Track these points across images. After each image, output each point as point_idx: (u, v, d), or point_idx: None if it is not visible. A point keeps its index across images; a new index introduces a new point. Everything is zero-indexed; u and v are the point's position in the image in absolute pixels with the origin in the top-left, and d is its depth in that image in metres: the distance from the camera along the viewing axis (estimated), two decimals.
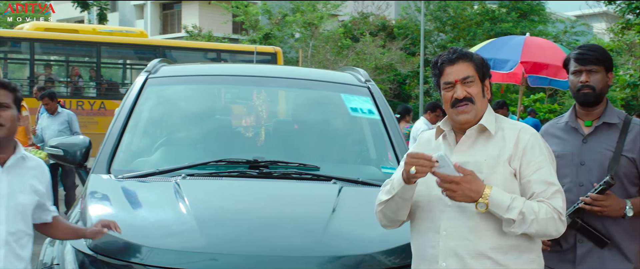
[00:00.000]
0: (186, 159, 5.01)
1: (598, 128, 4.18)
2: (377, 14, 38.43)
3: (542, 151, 3.44)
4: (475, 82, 3.44)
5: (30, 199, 3.73)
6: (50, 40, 22.64)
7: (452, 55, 3.46)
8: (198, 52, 25.39)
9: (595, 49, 4.22)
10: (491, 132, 3.43)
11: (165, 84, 5.80)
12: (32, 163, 3.82)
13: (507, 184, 3.34)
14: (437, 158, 3.20)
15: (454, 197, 3.24)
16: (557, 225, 3.34)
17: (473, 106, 3.42)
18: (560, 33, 36.10)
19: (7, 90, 3.66)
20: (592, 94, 4.14)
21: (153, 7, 52.03)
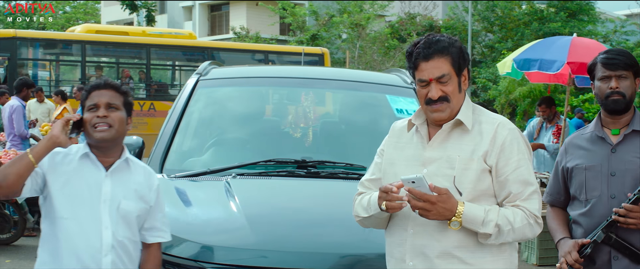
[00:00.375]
0: (236, 159, 5.14)
1: (627, 136, 3.94)
2: (424, 14, 38.33)
3: (520, 147, 3.30)
4: (451, 80, 3.27)
5: (134, 206, 3.58)
6: (101, 43, 22.99)
7: (427, 51, 3.27)
8: (246, 53, 25.59)
9: (623, 54, 3.99)
10: (468, 127, 3.29)
11: (216, 85, 5.92)
12: (139, 168, 3.69)
13: (480, 182, 3.24)
14: (414, 180, 3.07)
15: (427, 216, 3.12)
16: (533, 230, 3.27)
17: (448, 104, 3.27)
18: (610, 33, 35.65)
19: (117, 92, 3.58)
20: (622, 101, 3.91)
21: (201, 9, 52.45)
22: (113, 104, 3.53)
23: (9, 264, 9.26)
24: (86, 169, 3.54)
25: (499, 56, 30.18)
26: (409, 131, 3.42)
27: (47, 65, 22.91)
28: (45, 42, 22.94)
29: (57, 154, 3.54)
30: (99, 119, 3.48)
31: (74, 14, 51.55)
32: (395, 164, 3.39)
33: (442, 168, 3.25)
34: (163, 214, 3.73)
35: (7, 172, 3.38)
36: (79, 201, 3.50)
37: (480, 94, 32.67)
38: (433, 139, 3.32)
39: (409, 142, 3.39)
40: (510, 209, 3.24)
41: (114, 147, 3.58)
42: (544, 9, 35.74)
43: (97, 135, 3.47)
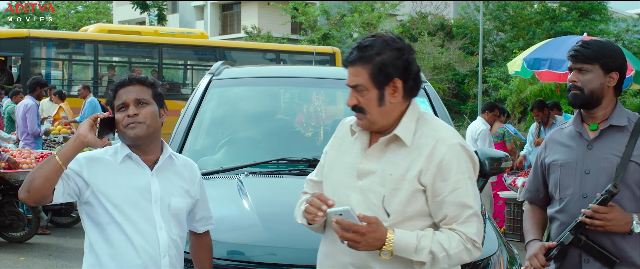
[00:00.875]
0: (248, 157, 5.20)
1: (604, 132, 3.70)
2: (435, 13, 38.33)
3: (460, 166, 3.07)
4: (367, 91, 3.06)
5: (183, 202, 3.53)
6: (114, 42, 23.12)
7: (350, 56, 3.11)
8: (257, 52, 25.68)
9: (591, 45, 3.71)
10: (406, 143, 3.08)
11: (228, 85, 5.98)
12: (181, 162, 3.61)
13: (411, 204, 3.06)
14: (342, 211, 2.93)
15: (356, 247, 2.96)
16: (471, 254, 3.07)
17: (364, 116, 3.10)
18: (622, 32, 35.54)
19: (144, 85, 3.46)
20: (579, 95, 3.68)
21: (213, 8, 52.54)
22: (142, 100, 3.41)
23: (23, 261, 9.35)
24: (131, 171, 3.44)
25: (510, 55, 30.15)
26: (352, 136, 3.25)
27: (60, 65, 23.04)
28: (58, 42, 23.10)
29: (95, 158, 3.45)
30: (130, 119, 3.37)
31: (86, 13, 51.75)
32: (333, 169, 3.28)
33: (374, 184, 3.09)
34: (207, 203, 3.72)
35: (33, 177, 3.25)
36: (130, 204, 3.39)
37: (491, 93, 32.63)
38: (369, 150, 3.16)
39: (350, 147, 3.24)
40: (445, 232, 3.05)
41: (152, 144, 3.48)
42: (555, 8, 35.65)
43: (130, 133, 3.37)
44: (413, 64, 3.13)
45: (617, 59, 3.71)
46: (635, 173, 3.61)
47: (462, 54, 34.29)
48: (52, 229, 11.19)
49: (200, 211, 3.67)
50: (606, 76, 3.68)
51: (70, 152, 3.28)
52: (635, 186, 3.63)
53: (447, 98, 32.56)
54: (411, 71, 3.11)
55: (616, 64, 3.70)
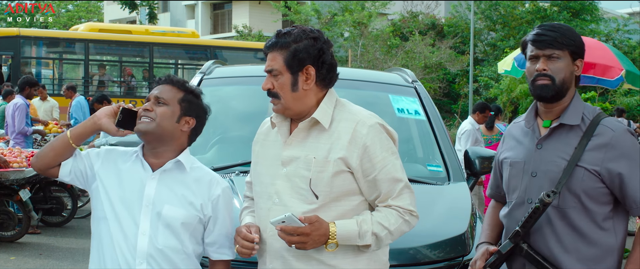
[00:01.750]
0: (239, 157, 5.19)
1: (555, 130, 3.35)
2: (426, 12, 38.37)
3: (383, 144, 3.19)
4: (280, 75, 3.20)
5: (180, 213, 3.33)
6: (104, 41, 23.10)
7: (270, 42, 3.26)
8: (248, 51, 25.68)
9: (557, 29, 3.34)
10: (324, 126, 3.20)
11: (219, 84, 5.98)
12: (195, 174, 3.42)
13: (337, 185, 3.16)
14: (285, 219, 3.01)
15: (305, 248, 3.06)
16: (409, 224, 3.22)
17: (279, 100, 3.21)
18: (612, 31, 35.66)
19: (174, 87, 3.41)
20: (550, 86, 3.29)
21: (204, 7, 52.50)
22: (162, 99, 3.35)
23: (14, 261, 9.33)
24: (134, 170, 3.38)
25: (501, 55, 30.21)
26: (274, 128, 3.37)
27: (51, 64, 23.00)
28: (49, 41, 23.06)
29: (115, 151, 3.44)
30: (143, 112, 3.34)
31: (77, 12, 51.63)
32: (258, 163, 3.39)
33: (299, 169, 3.19)
34: (227, 228, 3.46)
35: (44, 147, 3.36)
36: (122, 202, 3.34)
37: (482, 93, 32.69)
38: (291, 138, 3.26)
39: (274, 140, 3.35)
40: (382, 211, 3.19)
41: (162, 147, 3.38)
42: (547, 7, 35.76)
43: (138, 125, 3.32)
44: (327, 54, 3.25)
45: (582, 45, 3.38)
46: (584, 181, 3.25)
47: (453, 53, 34.36)
48: (42, 229, 11.16)
49: (214, 235, 3.44)
50: (573, 64, 3.35)
51: (81, 130, 3.33)
52: (584, 195, 3.26)
53: (438, 97, 32.63)
54: (325, 60, 3.23)
55: (581, 49, 3.37)
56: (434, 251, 4.02)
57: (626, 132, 3.28)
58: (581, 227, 3.27)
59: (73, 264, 9.24)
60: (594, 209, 3.26)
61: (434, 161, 5.39)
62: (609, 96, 29.38)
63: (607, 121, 3.30)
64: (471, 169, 5.47)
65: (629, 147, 3.25)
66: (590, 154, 3.24)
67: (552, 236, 3.31)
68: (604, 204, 3.28)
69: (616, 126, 3.29)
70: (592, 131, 3.27)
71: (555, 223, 3.30)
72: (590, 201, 3.26)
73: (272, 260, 3.24)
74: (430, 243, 4.09)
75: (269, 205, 3.25)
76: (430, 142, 5.52)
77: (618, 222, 3.33)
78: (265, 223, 3.23)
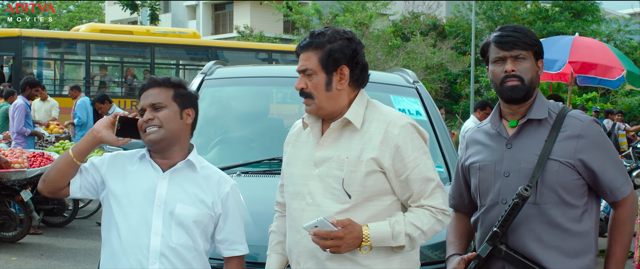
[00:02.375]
0: (240, 157, 5.21)
1: (524, 128, 3.33)
2: (427, 13, 38.37)
3: (415, 144, 3.19)
4: (315, 75, 3.20)
5: (192, 211, 3.37)
6: (105, 42, 23.10)
7: (303, 42, 3.25)
8: (250, 52, 25.69)
9: (520, 30, 3.34)
10: (356, 126, 3.21)
11: (220, 85, 5.97)
12: (204, 173, 3.46)
13: (370, 185, 3.17)
14: (317, 223, 3.02)
15: (339, 251, 3.07)
16: (443, 223, 3.22)
17: (312, 100, 3.21)
18: (614, 32, 35.67)
19: (163, 87, 3.39)
20: (520, 87, 3.28)
21: (205, 8, 52.52)
22: (157, 104, 3.34)
23: (15, 261, 9.34)
24: (143, 172, 3.40)
25: None
26: (305, 129, 3.38)
27: (52, 65, 23.00)
28: (50, 42, 23.06)
29: (120, 155, 3.45)
30: (146, 124, 3.34)
31: (78, 13, 51.68)
32: (291, 163, 3.40)
33: (332, 169, 3.20)
34: (238, 224, 3.52)
35: (51, 168, 3.35)
36: (132, 204, 3.35)
37: (483, 93, 32.68)
38: (323, 138, 3.27)
39: (305, 141, 3.36)
40: (415, 211, 3.20)
41: (172, 149, 3.40)
42: (548, 8, 35.78)
43: (146, 138, 3.34)
44: (360, 54, 3.27)
45: (541, 46, 3.37)
46: (560, 173, 3.24)
47: (455, 54, 34.35)
48: (44, 229, 11.17)
49: (224, 232, 3.49)
50: (536, 65, 3.35)
51: (83, 147, 3.33)
52: (560, 187, 3.25)
53: (439, 98, 32.60)
54: (358, 60, 3.26)
55: (542, 50, 3.37)
56: (435, 252, 4.02)
57: (593, 123, 3.31)
58: (560, 222, 3.25)
59: (74, 264, 9.24)
60: (572, 202, 3.25)
61: (435, 161, 5.39)
62: (611, 97, 29.40)
63: (573, 113, 3.32)
64: None
65: (598, 136, 3.28)
66: (562, 147, 3.24)
67: (530, 234, 3.27)
68: (581, 196, 3.28)
69: (583, 117, 3.30)
70: (559, 124, 3.27)
71: (533, 220, 3.27)
72: (568, 195, 3.25)
73: (306, 260, 3.25)
74: (430, 244, 4.08)
75: (302, 205, 3.26)
76: (431, 142, 5.52)
77: (592, 213, 3.33)
78: (299, 223, 3.23)
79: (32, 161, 9.99)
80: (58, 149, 11.65)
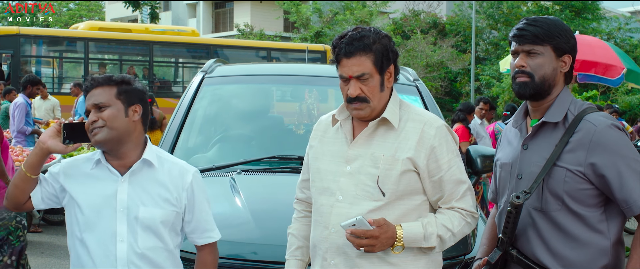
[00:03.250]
0: (241, 155, 5.21)
1: (540, 129, 3.16)
2: (428, 11, 38.35)
3: (449, 146, 3.21)
4: (371, 78, 3.15)
5: (158, 213, 3.28)
6: (104, 40, 23.06)
7: (350, 47, 3.13)
8: (249, 50, 25.66)
9: (539, 23, 3.13)
10: (394, 125, 3.20)
11: (221, 83, 5.98)
12: (166, 167, 3.37)
13: (403, 183, 3.16)
14: (356, 222, 3.01)
15: (373, 250, 3.07)
16: (471, 226, 3.26)
17: (367, 104, 3.16)
18: (614, 30, 35.66)
19: (105, 86, 3.26)
20: (529, 83, 3.11)
21: (205, 6, 52.47)
22: (100, 104, 3.22)
23: None
24: (100, 177, 3.30)
25: (503, 54, 30.19)
26: (333, 126, 3.37)
27: (51, 63, 22.96)
28: (49, 40, 22.99)
29: (73, 164, 3.37)
30: (91, 126, 3.23)
31: (78, 11, 51.65)
32: (319, 159, 3.36)
33: (366, 166, 3.19)
34: (206, 212, 3.45)
35: (9, 188, 3.31)
36: (94, 213, 3.26)
37: (483, 91, 32.68)
38: (358, 137, 3.25)
39: (334, 137, 3.34)
40: (446, 213, 3.21)
41: (123, 148, 3.29)
42: (549, 6, 35.76)
43: (93, 140, 3.22)
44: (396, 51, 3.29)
45: (570, 40, 3.14)
46: (568, 182, 3.04)
47: (455, 52, 34.36)
48: (44, 227, 11.16)
49: (194, 222, 3.42)
50: (558, 60, 3.13)
51: (33, 160, 3.25)
52: (568, 197, 3.05)
53: (439, 96, 32.61)
54: (397, 57, 3.27)
55: (569, 45, 3.14)
56: None
57: (610, 127, 3.02)
58: (571, 229, 3.06)
59: None
60: (581, 213, 3.04)
61: None
62: (611, 95, 29.39)
63: (590, 116, 3.06)
64: (472, 168, 5.47)
65: (614, 142, 2.99)
66: (572, 153, 3.02)
67: (538, 240, 3.13)
68: (594, 207, 3.05)
69: (599, 121, 3.03)
70: (573, 128, 3.05)
71: (541, 226, 3.12)
72: (576, 204, 3.04)
73: (334, 256, 3.23)
74: None
75: (331, 201, 3.24)
76: None
77: (612, 223, 3.08)
78: (327, 220, 3.23)
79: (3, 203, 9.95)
80: None
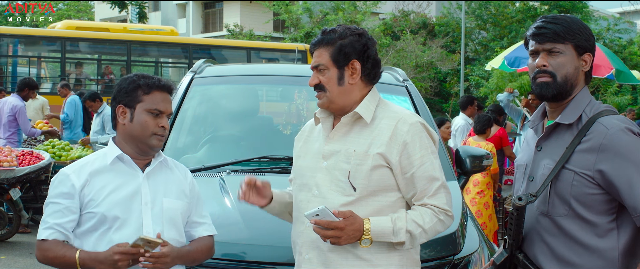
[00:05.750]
0: (230, 155, 5.20)
1: (553, 131, 3.06)
2: (417, 12, 38.39)
3: (423, 142, 3.24)
4: (327, 71, 3.30)
5: (178, 203, 3.49)
6: (81, 39, 22.86)
7: (316, 40, 3.36)
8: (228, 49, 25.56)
9: (559, 20, 3.02)
10: (366, 120, 3.28)
11: (210, 83, 5.98)
12: (175, 167, 3.62)
13: (375, 179, 3.22)
14: (319, 212, 3.06)
15: (339, 242, 3.12)
16: (444, 224, 3.27)
17: (324, 93, 3.31)
18: (603, 31, 35.77)
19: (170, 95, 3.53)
20: (551, 83, 2.99)
21: (195, 6, 52.38)
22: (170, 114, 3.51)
23: (4, 260, 9.31)
24: (122, 174, 3.43)
25: (492, 54, 30.25)
26: (317, 125, 3.49)
27: (26, 62, 22.68)
28: (25, 39, 22.71)
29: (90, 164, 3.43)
30: (162, 129, 3.44)
31: (67, 11, 51.47)
32: (300, 157, 3.49)
33: (340, 162, 3.28)
34: (204, 207, 3.69)
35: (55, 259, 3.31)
36: (119, 209, 3.35)
37: (473, 92, 32.73)
38: (333, 132, 3.35)
39: (317, 136, 3.46)
40: (417, 209, 3.25)
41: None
42: (537, 7, 35.84)
43: (156, 143, 3.43)
44: (371, 49, 3.35)
45: (590, 38, 3.04)
46: (576, 185, 2.93)
47: (444, 53, 34.40)
48: (33, 228, 11.12)
49: (195, 214, 3.61)
50: (580, 58, 3.02)
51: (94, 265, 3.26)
52: (575, 201, 2.94)
53: (429, 96, 32.65)
54: (369, 55, 3.34)
55: (589, 43, 3.03)
56: (425, 250, 4.01)
57: (623, 131, 2.89)
58: (577, 235, 2.96)
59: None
60: (589, 219, 2.93)
61: None
62: (600, 95, 29.47)
63: (604, 119, 2.93)
64: (462, 168, 5.48)
65: (624, 147, 2.87)
66: (581, 156, 2.92)
67: (543, 245, 3.04)
68: (604, 214, 2.94)
69: (612, 124, 2.91)
70: (585, 130, 2.93)
71: (546, 232, 3.03)
72: (584, 209, 2.93)
73: (308, 250, 3.32)
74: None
75: (308, 197, 3.33)
76: None
77: (624, 232, 2.94)
78: (303, 214, 3.28)
79: (21, 160, 9.95)
80: (47, 147, 11.60)
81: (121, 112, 3.45)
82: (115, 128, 3.51)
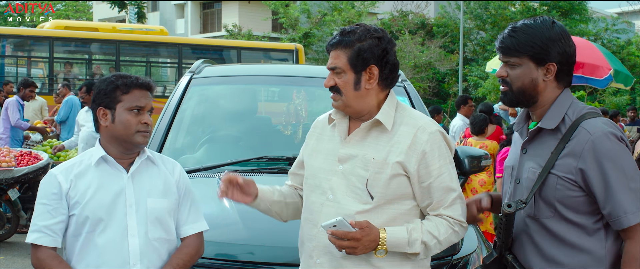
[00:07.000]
0: (229, 156, 5.21)
1: (537, 134, 3.14)
2: (416, 12, 38.39)
3: (442, 152, 3.18)
4: (344, 74, 3.19)
5: (163, 202, 3.45)
6: (70, 39, 22.75)
7: (333, 40, 3.24)
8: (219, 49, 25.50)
9: (518, 33, 3.10)
10: (387, 127, 3.20)
11: (208, 84, 5.98)
12: (162, 163, 3.56)
13: (393, 187, 3.16)
14: (336, 223, 3.01)
15: (355, 253, 3.06)
16: (458, 235, 3.22)
17: (340, 96, 3.22)
18: (601, 31, 35.78)
19: (151, 92, 3.47)
20: (508, 93, 3.15)
21: (193, 7, 52.37)
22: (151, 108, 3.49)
23: (3, 260, 9.31)
24: (106, 175, 3.40)
25: (491, 55, 30.25)
26: (330, 124, 3.39)
27: (14, 62, 22.59)
28: (13, 38, 22.63)
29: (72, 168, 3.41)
30: (145, 126, 3.41)
31: (65, 12, 51.43)
32: (313, 155, 3.40)
33: (357, 168, 3.20)
34: (196, 202, 3.62)
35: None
36: (103, 210, 3.33)
37: (471, 92, 32.74)
38: (351, 136, 3.27)
39: (330, 136, 3.36)
40: (432, 220, 3.19)
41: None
42: (536, 8, 35.83)
43: (142, 140, 3.40)
44: (391, 54, 3.23)
45: (553, 47, 3.06)
46: (559, 189, 3.02)
47: (443, 53, 34.39)
48: None
49: (185, 211, 3.57)
50: (540, 69, 3.08)
51: None
52: (560, 204, 3.03)
53: (427, 97, 32.66)
54: (388, 60, 3.22)
55: (553, 53, 3.05)
56: None
57: (606, 136, 2.94)
58: (565, 236, 3.04)
59: None
60: (574, 220, 3.02)
61: None
62: (598, 96, 29.48)
63: (588, 123, 2.99)
64: (460, 168, 5.48)
65: (608, 150, 2.93)
66: (565, 161, 2.99)
67: (531, 246, 3.13)
68: (588, 214, 3.01)
69: (595, 129, 2.96)
70: (570, 135, 3.00)
71: (534, 232, 3.11)
72: (568, 211, 3.02)
73: (320, 255, 3.24)
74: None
75: (322, 200, 3.25)
76: None
77: (611, 231, 3.01)
78: (316, 217, 3.24)
79: (19, 160, 9.94)
80: (46, 147, 11.59)
81: (102, 115, 3.42)
82: (98, 131, 3.48)
